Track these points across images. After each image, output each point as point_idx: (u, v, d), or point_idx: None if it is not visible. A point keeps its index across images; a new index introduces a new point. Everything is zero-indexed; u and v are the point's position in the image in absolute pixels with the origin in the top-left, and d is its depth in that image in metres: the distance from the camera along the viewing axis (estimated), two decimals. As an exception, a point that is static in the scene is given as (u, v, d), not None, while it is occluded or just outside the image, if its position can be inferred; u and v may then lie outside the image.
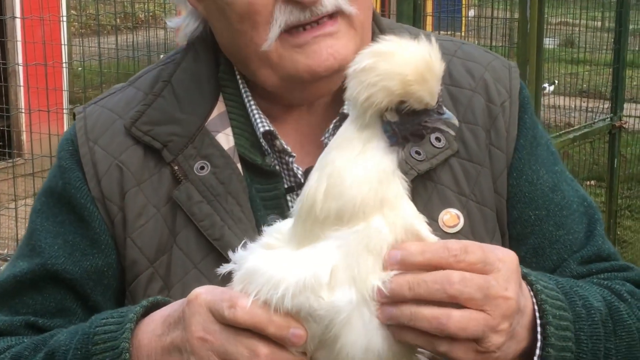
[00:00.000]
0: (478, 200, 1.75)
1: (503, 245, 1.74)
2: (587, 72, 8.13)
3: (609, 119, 6.74)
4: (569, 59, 8.54)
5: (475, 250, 1.37)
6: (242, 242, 1.45)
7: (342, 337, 1.32)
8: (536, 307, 1.50)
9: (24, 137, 8.08)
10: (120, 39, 7.72)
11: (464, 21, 8.88)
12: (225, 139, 1.73)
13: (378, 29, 1.79)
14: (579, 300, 1.57)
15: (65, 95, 7.62)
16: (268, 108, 1.76)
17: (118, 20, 9.53)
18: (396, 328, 1.34)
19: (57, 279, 1.72)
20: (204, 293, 1.40)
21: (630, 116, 7.78)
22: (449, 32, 7.20)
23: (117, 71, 7.19)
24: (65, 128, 7.66)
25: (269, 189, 1.71)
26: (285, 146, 1.72)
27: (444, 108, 1.37)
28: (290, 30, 1.62)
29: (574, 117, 7.69)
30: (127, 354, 1.47)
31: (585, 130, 6.60)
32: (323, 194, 1.36)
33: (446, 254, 1.35)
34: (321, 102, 1.77)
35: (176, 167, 1.70)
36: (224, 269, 1.43)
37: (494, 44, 6.83)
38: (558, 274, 1.75)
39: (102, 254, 1.72)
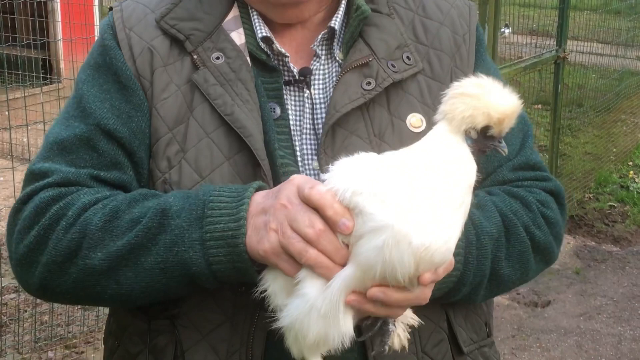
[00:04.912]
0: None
1: None
2: (536, 15, 8.70)
3: (554, 51, 7.27)
4: (522, 3, 8.99)
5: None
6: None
7: (364, 239, 1.54)
8: None
9: (62, 65, 8.90)
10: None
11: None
12: (238, 37, 1.90)
13: None
14: (474, 229, 1.82)
15: (96, 29, 7.92)
16: (272, 23, 1.95)
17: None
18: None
19: (110, 136, 1.84)
20: (299, 177, 1.64)
21: (572, 51, 8.06)
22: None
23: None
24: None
25: (271, 82, 1.88)
26: (280, 48, 1.89)
27: (503, 139, 1.64)
28: None
29: (525, 52, 8.01)
30: (244, 221, 1.66)
31: (535, 60, 7.05)
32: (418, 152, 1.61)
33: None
34: (313, 21, 1.96)
35: (195, 57, 1.86)
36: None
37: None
38: (493, 177, 1.99)
39: (145, 117, 1.86)
